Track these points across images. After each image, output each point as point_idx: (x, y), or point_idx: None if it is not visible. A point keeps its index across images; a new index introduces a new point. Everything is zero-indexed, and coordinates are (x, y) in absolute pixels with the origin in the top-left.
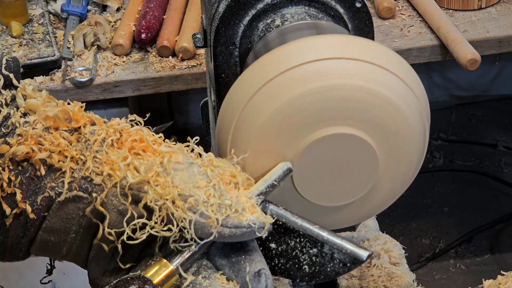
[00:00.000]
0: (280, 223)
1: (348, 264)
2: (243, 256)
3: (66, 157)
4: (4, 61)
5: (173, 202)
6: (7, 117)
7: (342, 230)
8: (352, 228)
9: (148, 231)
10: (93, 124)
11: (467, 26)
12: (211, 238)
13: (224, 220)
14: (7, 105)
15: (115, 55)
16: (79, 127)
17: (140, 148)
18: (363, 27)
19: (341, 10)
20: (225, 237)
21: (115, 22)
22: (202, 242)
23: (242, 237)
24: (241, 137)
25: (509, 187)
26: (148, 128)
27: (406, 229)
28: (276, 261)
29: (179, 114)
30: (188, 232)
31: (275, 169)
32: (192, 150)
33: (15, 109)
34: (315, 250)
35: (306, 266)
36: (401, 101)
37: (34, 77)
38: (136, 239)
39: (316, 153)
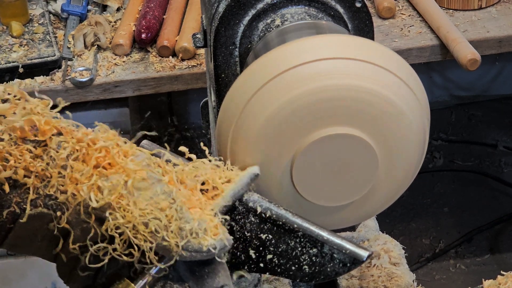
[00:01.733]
0: (280, 223)
1: (348, 264)
2: (206, 270)
3: (32, 172)
4: None
5: (134, 227)
6: None
7: (342, 230)
8: (352, 228)
9: (110, 254)
10: (60, 133)
11: (467, 26)
12: (172, 261)
13: (184, 245)
14: None
15: (115, 55)
16: (45, 140)
17: (106, 163)
18: (363, 27)
19: (341, 10)
20: (186, 258)
21: (115, 22)
22: (163, 265)
23: (204, 258)
24: (241, 137)
25: (509, 187)
26: (116, 132)
27: (406, 229)
28: (276, 261)
29: (179, 114)
30: (150, 257)
31: (242, 176)
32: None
33: None
34: (315, 250)
35: (306, 266)
36: (401, 101)
37: (35, 77)
38: (99, 257)
39: (316, 153)
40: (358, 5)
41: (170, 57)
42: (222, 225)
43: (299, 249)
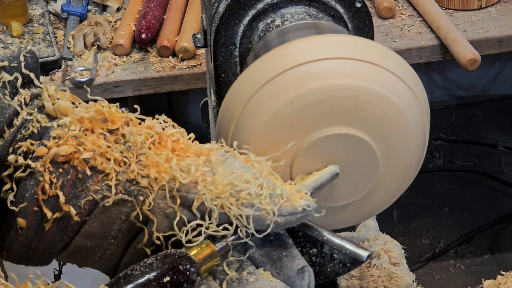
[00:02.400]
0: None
1: (348, 264)
2: (284, 253)
3: (108, 159)
4: (22, 58)
5: (227, 199)
6: (27, 119)
7: (342, 230)
8: (352, 228)
9: (204, 232)
10: (128, 124)
11: (467, 26)
12: (269, 229)
13: (278, 210)
14: (26, 105)
15: (115, 55)
16: (117, 129)
17: (180, 149)
18: (363, 27)
19: (341, 10)
20: (280, 226)
21: (115, 22)
22: (260, 235)
23: (296, 222)
24: (241, 137)
25: (509, 187)
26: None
27: (406, 229)
28: None
29: (179, 114)
30: (244, 228)
31: (324, 171)
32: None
33: (35, 109)
34: (315, 250)
35: None
36: (401, 101)
37: None
38: (189, 241)
39: (316, 153)
40: (358, 5)
41: (170, 57)
42: (305, 193)
43: (299, 249)
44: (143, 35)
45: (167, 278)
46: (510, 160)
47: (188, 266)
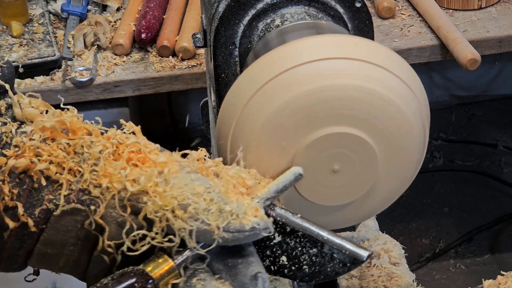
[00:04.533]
0: (280, 223)
1: (348, 264)
2: (240, 260)
3: (63, 168)
4: None
5: (173, 212)
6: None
7: (342, 230)
8: (352, 228)
9: (148, 243)
10: (90, 134)
11: (467, 26)
12: (214, 244)
13: (226, 226)
14: (0, 115)
15: (115, 55)
16: (75, 139)
17: (137, 159)
18: (363, 27)
19: (341, 10)
20: (228, 241)
21: (115, 22)
22: (203, 251)
23: (246, 240)
24: (241, 137)
25: (509, 187)
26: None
27: (406, 229)
28: (280, 262)
29: (179, 114)
30: (189, 242)
31: (286, 174)
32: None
33: (8, 119)
34: (315, 250)
35: (306, 266)
36: (401, 101)
37: (35, 77)
38: (136, 250)
39: (316, 153)
40: (358, 5)
41: (170, 57)
42: (261, 208)
43: (299, 249)
44: (143, 35)
45: None
46: (510, 160)
47: (145, 283)
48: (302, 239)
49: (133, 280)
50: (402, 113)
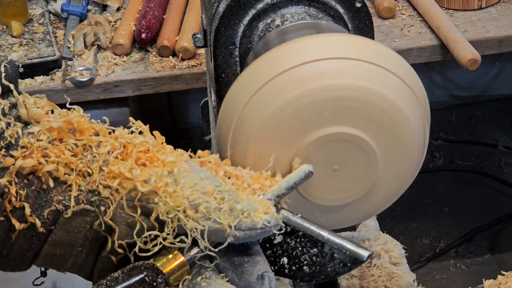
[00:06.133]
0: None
1: (349, 264)
2: (246, 259)
3: (72, 169)
4: (2, 69)
5: (184, 212)
6: (4, 130)
7: (342, 230)
8: (352, 228)
9: (160, 243)
10: (97, 134)
11: (467, 26)
12: (226, 243)
13: (237, 224)
14: (4, 114)
15: (115, 55)
16: (83, 139)
17: (146, 159)
18: (363, 27)
19: (341, 10)
20: (239, 239)
21: (115, 22)
22: (215, 250)
23: (257, 237)
24: (241, 137)
25: (509, 187)
26: (153, 134)
27: (406, 229)
28: (281, 262)
29: (179, 114)
30: (201, 242)
31: (297, 171)
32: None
33: (12, 118)
34: (315, 250)
35: (306, 266)
36: (401, 101)
37: (35, 77)
38: (148, 250)
39: (316, 153)
40: (358, 5)
41: (170, 57)
42: (272, 205)
43: (300, 249)
44: (143, 35)
45: None
46: (510, 160)
47: (155, 277)
48: (302, 239)
49: (144, 274)
50: (402, 113)
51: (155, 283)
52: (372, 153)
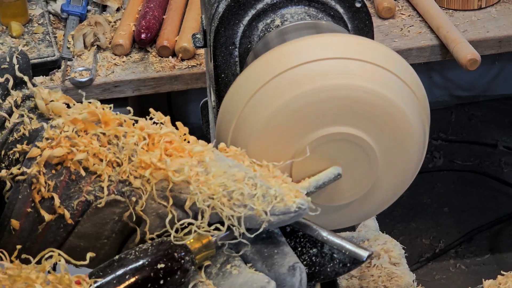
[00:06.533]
0: None
1: (348, 264)
2: (275, 251)
3: (101, 160)
4: (15, 60)
5: (219, 199)
6: (17, 122)
7: (342, 230)
8: (352, 228)
9: (195, 231)
10: (121, 125)
11: (467, 26)
12: (261, 229)
13: (271, 209)
14: (17, 106)
15: (115, 55)
16: (110, 130)
17: (173, 149)
18: (363, 27)
19: (341, 10)
20: (273, 224)
21: (115, 22)
22: (252, 235)
23: (291, 221)
24: (240, 137)
25: (509, 187)
26: (174, 126)
27: (406, 229)
28: None
29: (179, 114)
30: (237, 229)
31: (326, 171)
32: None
33: (26, 110)
34: (314, 250)
35: (305, 267)
36: (401, 101)
37: (34, 77)
38: (180, 239)
39: (316, 153)
40: (358, 5)
41: (170, 57)
42: (302, 190)
43: (299, 249)
44: (143, 35)
45: (161, 265)
46: (510, 160)
47: (183, 254)
48: (302, 239)
49: (172, 249)
50: (402, 113)
51: (182, 260)
52: (372, 153)
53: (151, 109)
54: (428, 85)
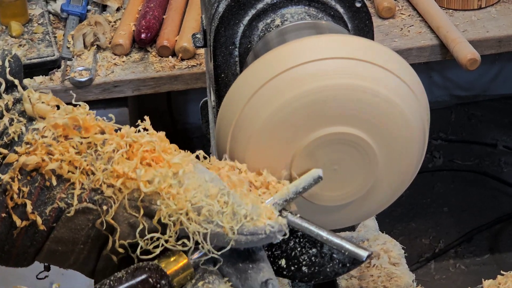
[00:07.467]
0: None
1: (348, 264)
2: (250, 265)
3: (76, 167)
4: (7, 64)
5: (187, 214)
6: (7, 126)
7: (342, 230)
8: (352, 228)
9: (162, 245)
10: (103, 132)
11: (467, 26)
12: (228, 247)
13: (239, 228)
14: (8, 110)
15: (115, 55)
16: (88, 137)
17: (151, 158)
18: (363, 27)
19: (341, 10)
20: (241, 244)
21: (115, 22)
22: (218, 254)
23: (261, 243)
24: (240, 137)
25: (509, 186)
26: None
27: (406, 229)
28: (280, 262)
29: (178, 114)
30: (202, 245)
31: (305, 176)
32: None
33: (16, 114)
34: (314, 250)
35: (305, 267)
36: (401, 101)
37: (34, 77)
38: (150, 252)
39: (316, 153)
40: (358, 5)
41: (170, 57)
42: (276, 211)
43: (299, 249)
44: (143, 35)
45: None
46: (510, 160)
47: (159, 279)
48: (301, 239)
49: (147, 275)
50: (402, 113)
51: (158, 285)
52: (371, 153)
53: (145, 117)
54: (428, 85)
